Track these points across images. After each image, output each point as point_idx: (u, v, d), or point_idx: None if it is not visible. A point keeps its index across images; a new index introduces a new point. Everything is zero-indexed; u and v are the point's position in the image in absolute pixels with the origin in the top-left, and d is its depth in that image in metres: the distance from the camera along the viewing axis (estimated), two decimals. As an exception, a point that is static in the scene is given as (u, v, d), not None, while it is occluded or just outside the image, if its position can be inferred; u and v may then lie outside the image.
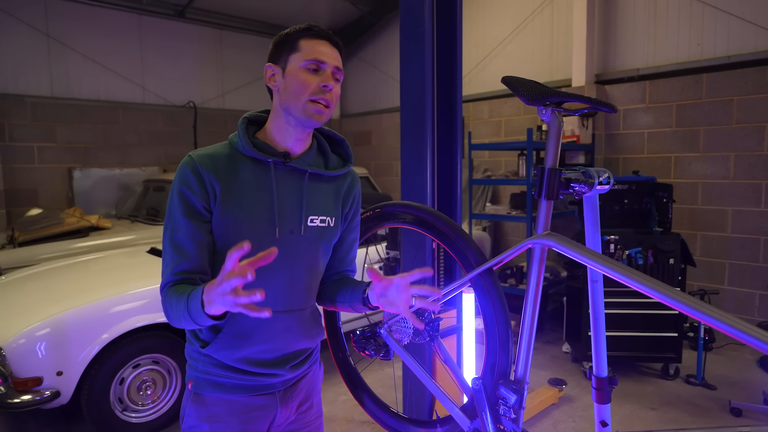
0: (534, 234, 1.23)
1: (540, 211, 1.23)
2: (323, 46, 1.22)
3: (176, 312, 1.13)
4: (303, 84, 1.19)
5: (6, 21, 5.65)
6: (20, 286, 3.39)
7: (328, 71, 1.21)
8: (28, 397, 2.68)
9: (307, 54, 1.20)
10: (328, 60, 1.21)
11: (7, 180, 5.61)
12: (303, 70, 1.20)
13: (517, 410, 1.27)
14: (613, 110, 1.14)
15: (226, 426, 1.26)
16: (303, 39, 1.21)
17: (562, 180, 1.19)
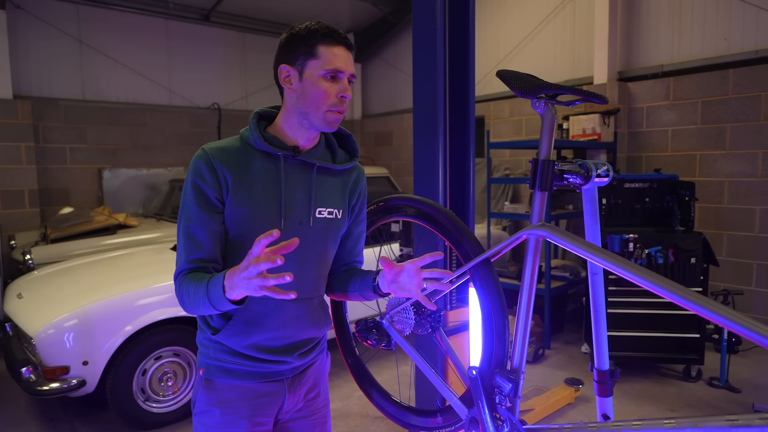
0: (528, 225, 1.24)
1: (534, 203, 1.24)
2: (341, 51, 1.24)
3: (194, 298, 1.17)
4: (324, 94, 1.22)
5: (41, 28, 5.90)
6: (51, 280, 3.54)
7: (345, 80, 1.25)
8: (56, 385, 2.80)
9: (326, 63, 1.22)
10: (345, 68, 1.24)
11: (41, 180, 5.85)
12: (322, 79, 1.22)
13: (513, 399, 1.28)
14: (604, 101, 1.15)
15: (236, 411, 1.30)
16: (321, 45, 1.22)
17: (556, 171, 1.21)
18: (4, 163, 5.50)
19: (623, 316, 3.68)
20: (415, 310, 1.53)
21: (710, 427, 0.98)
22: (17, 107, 5.55)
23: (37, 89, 5.91)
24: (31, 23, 5.83)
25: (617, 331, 3.70)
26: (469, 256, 1.36)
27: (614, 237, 3.68)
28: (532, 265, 1.25)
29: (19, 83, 5.75)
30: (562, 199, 4.93)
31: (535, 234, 1.23)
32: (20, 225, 5.54)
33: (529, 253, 1.25)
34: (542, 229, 1.21)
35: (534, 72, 5.34)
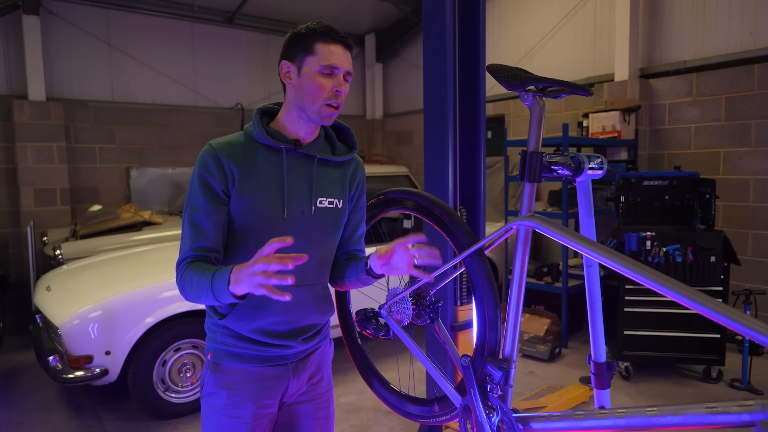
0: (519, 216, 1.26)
1: (523, 194, 1.26)
2: (338, 48, 1.30)
3: (196, 287, 1.22)
4: (319, 88, 1.28)
5: (73, 32, 6.13)
6: (79, 274, 3.69)
7: (340, 76, 1.31)
8: (80, 374, 2.93)
9: (322, 59, 1.28)
10: (341, 65, 1.30)
11: (72, 179, 6.08)
12: (318, 74, 1.28)
13: (504, 387, 1.30)
14: (588, 93, 1.16)
15: (242, 393, 1.36)
16: (318, 42, 1.29)
17: (545, 163, 1.22)
18: (37, 162, 5.74)
19: (641, 315, 3.63)
20: (414, 301, 1.57)
21: (690, 414, 0.99)
22: (50, 109, 5.79)
23: (69, 91, 6.14)
24: (63, 28, 6.07)
25: (635, 330, 3.65)
26: (463, 247, 1.39)
27: (631, 235, 3.63)
28: (521, 255, 1.27)
29: (51, 86, 5.99)
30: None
31: (525, 225, 1.25)
32: (52, 222, 5.77)
33: (519, 243, 1.27)
34: (531, 220, 1.23)
35: (554, 70, 5.34)
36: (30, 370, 4.01)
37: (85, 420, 3.25)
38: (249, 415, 1.36)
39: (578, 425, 1.17)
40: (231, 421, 1.35)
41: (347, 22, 8.14)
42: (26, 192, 5.73)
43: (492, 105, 6.73)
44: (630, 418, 1.07)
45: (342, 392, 3.58)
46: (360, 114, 8.92)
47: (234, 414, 1.35)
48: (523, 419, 1.27)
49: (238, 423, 1.35)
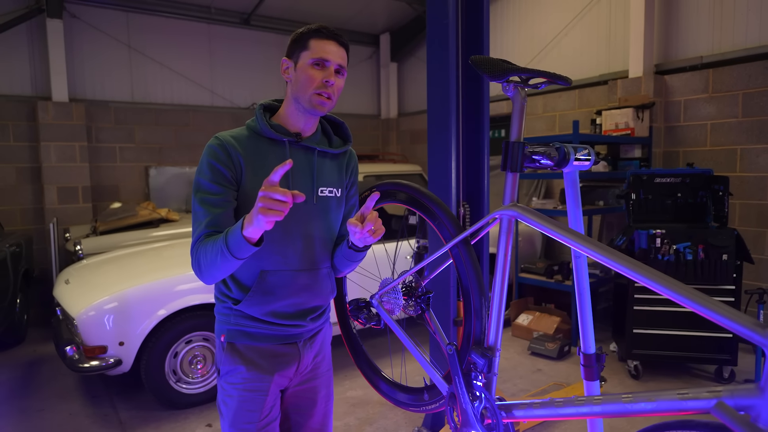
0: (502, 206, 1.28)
1: (506, 184, 1.28)
2: (330, 45, 1.38)
3: (211, 253, 1.26)
4: (310, 78, 1.37)
5: (94, 35, 6.31)
6: (97, 268, 3.81)
7: (331, 68, 1.38)
8: (95, 363, 3.03)
9: (314, 53, 1.37)
10: (332, 58, 1.38)
11: (93, 177, 6.26)
12: (310, 67, 1.37)
13: (488, 375, 1.33)
14: (567, 83, 1.17)
15: (259, 368, 1.43)
16: (313, 39, 1.38)
17: (526, 153, 1.24)
18: (60, 161, 5.93)
19: (651, 313, 3.59)
20: (405, 292, 1.60)
21: (663, 400, 1.00)
22: (72, 109, 5.97)
23: (91, 92, 6.32)
24: (85, 31, 6.25)
25: (645, 329, 3.62)
26: (450, 237, 1.41)
27: (641, 232, 3.59)
28: (505, 244, 1.29)
29: (74, 87, 6.17)
30: (592, 195, 4.84)
31: (508, 214, 1.27)
32: (74, 219, 5.95)
33: (502, 232, 1.29)
34: (513, 210, 1.25)
35: (569, 67, 5.33)
36: (51, 361, 4.15)
37: (101, 408, 3.35)
38: (267, 388, 1.43)
39: (557, 412, 1.19)
40: (251, 394, 1.42)
41: (362, 22, 8.20)
42: (50, 190, 5.92)
43: (505, 103, 6.71)
44: (606, 404, 1.09)
45: (350, 386, 3.63)
46: (375, 113, 8.97)
47: (254, 387, 1.42)
48: (506, 407, 1.30)
49: (259, 396, 1.43)
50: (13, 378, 3.87)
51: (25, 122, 5.88)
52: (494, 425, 1.30)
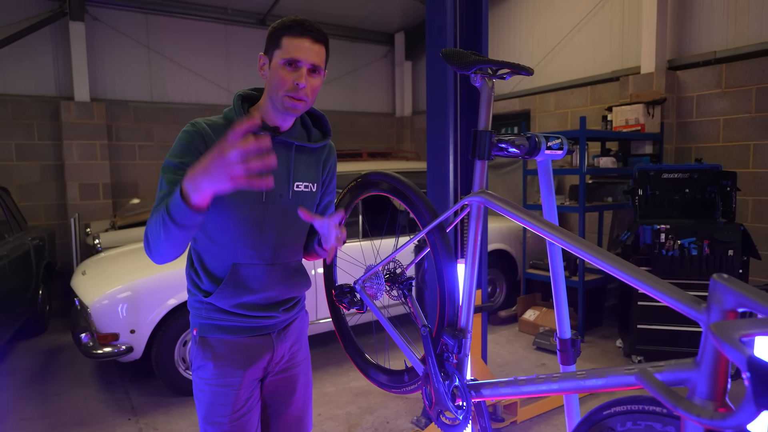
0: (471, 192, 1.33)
1: (475, 171, 1.33)
2: (304, 43, 1.30)
3: (154, 224, 1.17)
4: (280, 81, 1.32)
5: (115, 37, 6.52)
6: (112, 260, 3.96)
7: (303, 70, 1.31)
8: (108, 350, 3.17)
9: (285, 53, 1.30)
10: (305, 57, 1.30)
11: (114, 174, 6.47)
12: (282, 67, 1.31)
13: (459, 356, 1.38)
14: (529, 72, 1.22)
15: (230, 362, 1.43)
16: (285, 36, 1.31)
17: (494, 141, 1.29)
18: (82, 159, 6.14)
19: (655, 308, 3.57)
20: (388, 278, 1.66)
21: (612, 375, 1.04)
22: (93, 109, 6.18)
23: (111, 92, 6.53)
24: (106, 33, 6.46)
25: (649, 324, 3.60)
26: (427, 224, 1.47)
27: (645, 228, 3.58)
28: (475, 229, 1.34)
29: (95, 87, 6.39)
30: (602, 191, 4.82)
31: (477, 201, 1.32)
32: (95, 215, 6.16)
33: (472, 218, 1.34)
34: (481, 196, 1.30)
35: (581, 63, 5.32)
36: (69, 350, 4.33)
37: (114, 394, 3.49)
38: (238, 382, 1.43)
39: (520, 390, 1.23)
40: (223, 389, 1.42)
41: (377, 21, 8.27)
42: (72, 187, 6.14)
43: (518, 101, 6.70)
44: (562, 382, 1.13)
45: (354, 377, 3.70)
46: (389, 111, 9.02)
47: (224, 383, 1.42)
48: (475, 386, 1.35)
49: (229, 390, 1.42)
50: (34, 364, 4.04)
51: (48, 121, 6.11)
52: (464, 404, 1.36)
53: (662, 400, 0.77)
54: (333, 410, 3.23)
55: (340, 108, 8.39)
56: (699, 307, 0.91)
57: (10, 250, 4.11)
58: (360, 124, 8.59)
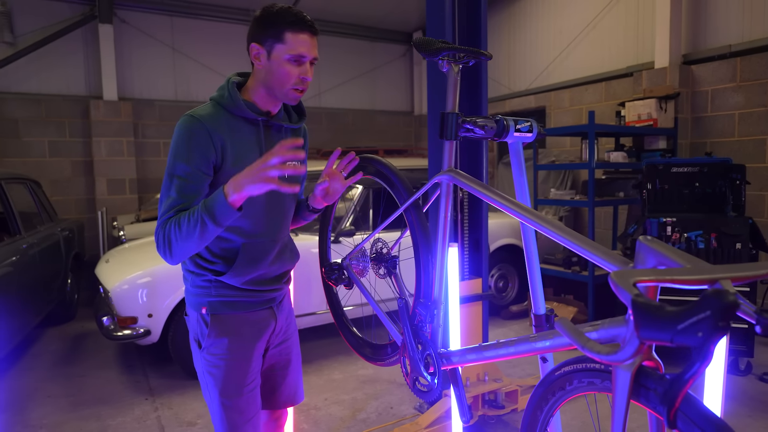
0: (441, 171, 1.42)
1: (444, 151, 1.41)
2: (305, 37, 1.37)
3: (186, 227, 1.26)
4: (287, 75, 1.37)
5: (141, 38, 6.79)
6: (135, 250, 4.16)
7: (307, 64, 1.39)
8: (127, 332, 3.35)
9: (291, 48, 1.35)
10: (308, 53, 1.37)
11: (139, 170, 6.74)
12: (287, 62, 1.36)
13: (434, 327, 1.47)
14: (487, 57, 1.29)
15: (240, 337, 1.51)
16: (288, 31, 1.35)
17: (459, 123, 1.37)
18: (110, 155, 6.42)
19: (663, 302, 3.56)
20: (374, 257, 1.76)
21: (558, 337, 1.12)
22: (121, 108, 6.45)
23: (138, 92, 6.81)
24: (133, 35, 6.74)
25: (655, 318, 3.59)
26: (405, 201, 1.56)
27: (652, 221, 3.58)
28: (445, 205, 1.43)
29: (123, 87, 6.67)
30: (613, 186, 4.81)
31: (445, 178, 1.41)
32: (122, 209, 6.44)
33: (442, 195, 1.43)
34: (450, 174, 1.39)
35: (596, 59, 5.33)
36: (95, 336, 4.55)
37: (134, 376, 3.68)
38: (250, 355, 1.50)
39: (483, 355, 1.32)
40: (237, 363, 1.47)
41: (395, 21, 8.37)
42: (100, 182, 6.42)
43: (533, 98, 6.71)
44: (518, 345, 1.22)
45: (362, 366, 3.80)
46: (408, 110, 9.11)
47: (238, 356, 1.48)
48: (446, 355, 1.43)
49: (243, 363, 1.48)
50: (61, 348, 4.28)
51: (79, 119, 6.42)
52: (435, 371, 1.44)
53: (573, 342, 0.84)
54: (339, 395, 3.34)
55: (359, 106, 8.52)
56: (626, 267, 0.99)
57: (41, 240, 4.36)
58: (378, 122, 8.71)
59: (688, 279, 0.78)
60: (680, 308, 0.65)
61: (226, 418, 1.48)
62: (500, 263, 4.90)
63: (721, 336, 0.62)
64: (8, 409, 3.17)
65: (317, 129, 7.99)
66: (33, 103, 6.27)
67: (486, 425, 2.86)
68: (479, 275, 3.02)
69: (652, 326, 0.66)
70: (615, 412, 0.95)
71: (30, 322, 3.97)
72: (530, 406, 1.26)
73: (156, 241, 1.32)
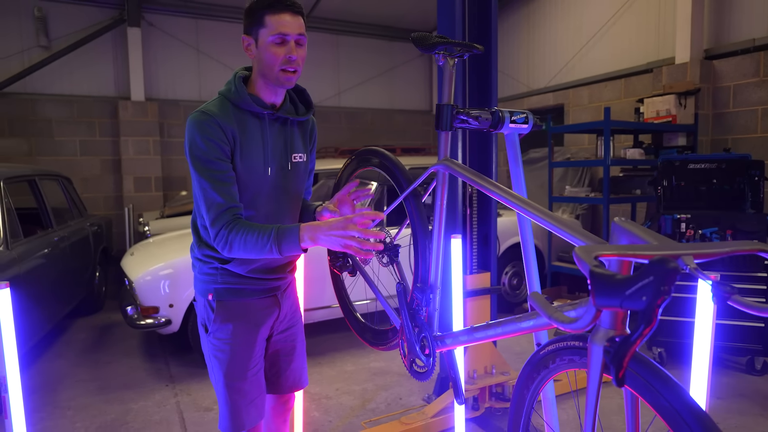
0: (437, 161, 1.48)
1: (440, 142, 1.47)
2: (286, 17, 1.39)
3: (256, 245, 1.37)
4: (273, 57, 1.41)
5: (167, 40, 7.01)
6: (159, 244, 4.32)
7: (291, 43, 1.41)
8: (149, 321, 3.49)
9: (272, 30, 1.39)
10: (290, 31, 1.40)
11: (165, 169, 6.95)
12: (271, 45, 1.40)
13: (430, 312, 1.53)
14: (479, 50, 1.35)
15: (244, 323, 1.58)
16: (267, 14, 1.39)
17: (454, 114, 1.43)
18: (137, 154, 6.65)
19: (676, 299, 3.54)
20: (377, 245, 1.82)
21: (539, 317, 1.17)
22: (147, 108, 6.67)
23: (164, 92, 7.03)
24: (160, 37, 6.96)
25: (670, 316, 3.57)
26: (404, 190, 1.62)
27: (666, 217, 3.56)
28: (441, 193, 1.49)
29: (150, 87, 6.89)
30: (630, 184, 4.77)
31: (441, 168, 1.47)
32: (148, 206, 6.65)
33: (439, 183, 1.49)
34: (445, 163, 1.45)
35: (616, 56, 5.33)
36: (121, 326, 4.74)
37: (156, 364, 3.83)
38: (254, 340, 1.56)
39: (474, 337, 1.37)
40: (241, 348, 1.54)
41: (414, 20, 8.43)
42: (128, 180, 6.65)
43: (552, 95, 6.68)
44: (504, 326, 1.27)
45: (374, 359, 3.88)
46: (426, 109, 9.15)
47: (242, 341, 1.54)
48: (440, 338, 1.49)
49: (247, 348, 1.55)
50: (89, 337, 4.47)
51: (108, 119, 6.66)
52: (431, 353, 1.51)
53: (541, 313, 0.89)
54: (350, 386, 3.42)
55: (378, 105, 8.60)
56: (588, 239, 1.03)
57: (71, 234, 4.56)
58: (397, 120, 8.77)
59: (648, 254, 0.83)
60: (629, 276, 0.70)
61: (230, 400, 1.55)
62: (514, 260, 4.91)
63: (665, 300, 0.67)
64: (40, 391, 3.35)
65: (336, 128, 8.10)
66: (65, 104, 6.54)
67: (492, 417, 2.90)
68: (487, 269, 3.06)
69: (605, 293, 0.71)
70: (589, 386, 1.00)
71: (60, 312, 4.16)
72: (518, 385, 1.31)
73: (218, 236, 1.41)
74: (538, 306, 0.92)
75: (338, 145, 7.50)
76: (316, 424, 2.91)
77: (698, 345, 1.50)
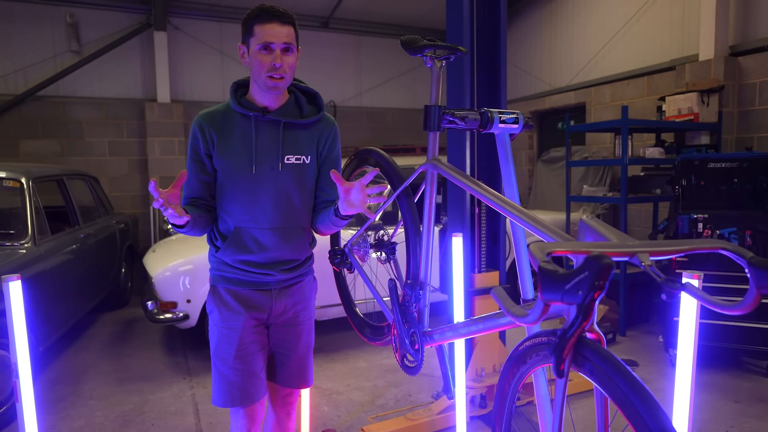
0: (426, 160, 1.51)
1: (429, 142, 1.50)
2: (273, 27, 1.49)
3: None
4: (260, 65, 1.52)
5: (192, 43, 7.19)
6: (180, 241, 4.45)
7: (277, 51, 1.51)
8: (168, 316, 3.61)
9: (259, 38, 1.51)
10: (276, 40, 1.50)
11: (189, 168, 7.14)
12: (258, 53, 1.51)
13: (420, 308, 1.56)
14: (462, 53, 1.37)
15: (233, 309, 1.66)
16: (256, 24, 1.50)
17: (441, 114, 1.45)
18: (162, 154, 6.85)
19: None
20: (374, 244, 1.87)
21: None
22: (173, 109, 6.87)
23: (189, 94, 7.22)
24: (185, 40, 7.15)
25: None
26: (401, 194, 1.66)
27: (684, 217, 3.49)
28: (430, 192, 1.52)
29: (175, 89, 7.09)
30: (650, 183, 4.68)
31: (429, 167, 1.50)
32: (173, 204, 6.84)
33: (427, 182, 1.52)
34: (432, 163, 1.48)
35: (638, 53, 5.25)
36: (144, 321, 4.90)
37: (175, 357, 3.96)
38: (240, 326, 1.64)
39: (458, 332, 1.40)
40: (227, 331, 1.65)
41: (433, 21, 8.42)
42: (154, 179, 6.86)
43: (573, 94, 6.59)
44: (485, 321, 1.30)
45: (386, 356, 3.92)
46: (448, 108, 9.14)
47: (228, 326, 1.65)
48: (429, 333, 1.52)
49: (233, 332, 1.65)
50: (113, 331, 4.64)
51: (135, 120, 6.89)
52: (420, 348, 1.54)
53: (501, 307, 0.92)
54: (361, 382, 3.47)
55: (399, 105, 8.63)
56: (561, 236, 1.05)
57: (98, 231, 4.74)
58: (418, 120, 8.78)
59: (589, 251, 0.84)
60: (569, 271, 0.72)
61: (218, 377, 1.68)
62: (531, 260, 4.87)
63: (600, 294, 0.69)
64: (64, 381, 3.51)
65: (358, 128, 8.16)
66: (95, 106, 6.79)
67: (500, 415, 2.90)
68: (496, 268, 3.06)
69: (549, 288, 0.74)
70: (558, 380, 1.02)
71: (86, 306, 4.34)
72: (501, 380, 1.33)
73: None
74: (498, 300, 0.94)
75: (359, 145, 7.57)
76: (325, 418, 2.96)
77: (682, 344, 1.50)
